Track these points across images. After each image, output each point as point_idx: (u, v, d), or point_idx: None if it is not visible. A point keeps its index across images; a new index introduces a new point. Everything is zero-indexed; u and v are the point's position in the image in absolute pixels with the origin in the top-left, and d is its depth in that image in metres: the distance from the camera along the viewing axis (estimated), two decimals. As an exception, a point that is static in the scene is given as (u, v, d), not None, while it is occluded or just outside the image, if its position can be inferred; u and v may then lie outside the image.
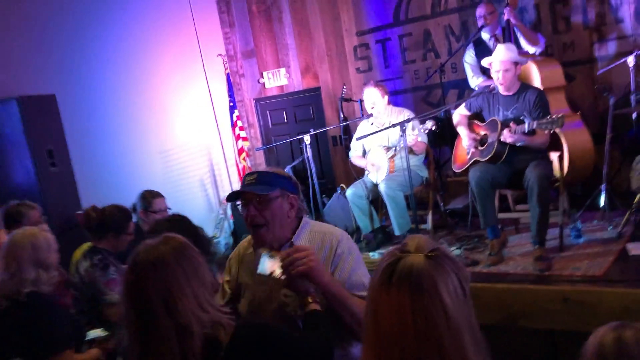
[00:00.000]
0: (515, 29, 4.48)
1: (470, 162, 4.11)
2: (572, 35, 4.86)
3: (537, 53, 4.54)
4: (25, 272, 2.34)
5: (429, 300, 1.05)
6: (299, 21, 6.35)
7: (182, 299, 1.40)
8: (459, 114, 4.29)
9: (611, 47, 4.74)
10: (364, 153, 4.76)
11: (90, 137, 5.15)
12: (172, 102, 6.11)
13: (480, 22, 4.66)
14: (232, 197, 2.04)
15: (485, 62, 3.98)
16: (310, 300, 1.74)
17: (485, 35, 4.70)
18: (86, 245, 3.14)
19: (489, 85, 4.17)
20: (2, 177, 4.49)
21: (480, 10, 4.65)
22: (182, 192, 6.05)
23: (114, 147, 5.34)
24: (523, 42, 4.50)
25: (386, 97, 4.62)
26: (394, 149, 4.44)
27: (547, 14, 4.91)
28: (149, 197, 3.75)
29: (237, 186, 6.71)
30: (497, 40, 4.58)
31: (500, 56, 3.80)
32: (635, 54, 3.99)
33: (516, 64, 3.83)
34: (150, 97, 5.87)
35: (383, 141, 4.54)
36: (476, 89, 4.70)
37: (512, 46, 3.97)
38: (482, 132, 4.09)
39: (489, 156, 3.89)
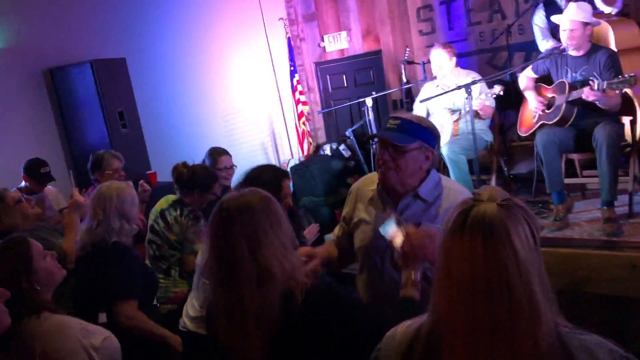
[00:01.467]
0: None
1: (537, 126, 4.01)
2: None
3: (613, 13, 4.33)
4: (111, 222, 2.48)
5: (500, 246, 1.07)
6: (361, -17, 6.27)
7: (266, 244, 1.45)
8: (526, 76, 4.18)
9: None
10: (428, 115, 4.72)
11: (157, 100, 5.33)
12: (234, 66, 6.22)
13: None
14: (371, 137, 2.05)
15: (555, 18, 3.85)
16: (411, 282, 1.69)
17: None
18: (170, 198, 3.29)
19: (558, 47, 4.03)
20: (77, 137, 4.73)
21: None
22: (243, 155, 6.18)
23: (179, 109, 5.51)
24: (598, 1, 4.29)
25: (454, 59, 4.54)
26: (458, 112, 4.38)
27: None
28: (215, 155, 3.88)
29: (296, 150, 6.81)
30: (569, 0, 4.39)
31: (571, 15, 3.66)
32: None
33: (586, 24, 3.68)
34: (213, 62, 5.99)
35: (448, 104, 4.47)
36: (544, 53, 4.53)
37: (586, 5, 3.81)
38: (550, 95, 3.98)
39: (557, 119, 3.79)
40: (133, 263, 2.58)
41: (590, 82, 3.56)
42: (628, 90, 3.82)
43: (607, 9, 4.29)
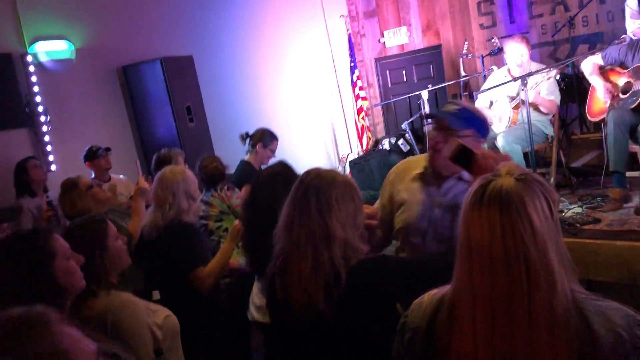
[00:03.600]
0: None
1: (608, 111, 3.90)
2: None
3: None
4: (180, 203, 2.64)
5: (517, 217, 1.13)
6: (421, -22, 6.29)
7: (335, 211, 1.62)
8: (593, 62, 4.04)
9: None
10: (491, 105, 4.67)
11: (222, 95, 5.57)
12: (296, 63, 6.39)
13: None
14: (429, 116, 2.16)
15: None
16: None
17: None
18: None
19: (628, 37, 3.90)
20: (148, 131, 5.02)
21: None
22: (303, 149, 6.36)
23: (242, 104, 5.74)
24: None
25: (530, 50, 4.46)
26: (519, 99, 4.32)
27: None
28: (272, 137, 4.20)
29: (355, 144, 6.91)
30: None
31: None
32: None
33: None
34: (274, 58, 6.18)
35: (511, 92, 4.42)
36: (631, 36, 4.23)
37: None
38: (625, 80, 3.86)
39: (635, 104, 3.68)
40: (201, 236, 2.79)
41: None
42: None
43: None
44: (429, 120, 2.16)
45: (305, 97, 6.49)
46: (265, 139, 4.29)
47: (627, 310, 1.14)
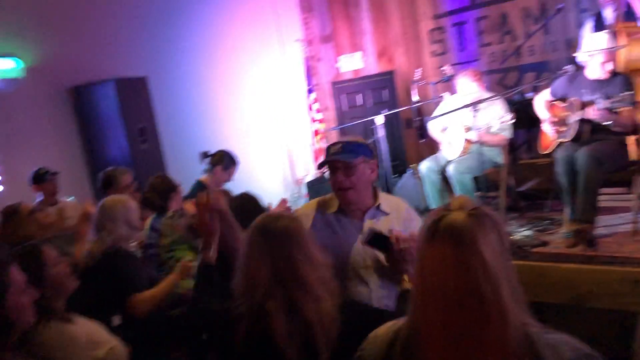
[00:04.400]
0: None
1: (556, 144, 4.07)
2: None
3: None
4: (119, 230, 2.66)
5: (469, 252, 1.14)
6: (376, 5, 6.44)
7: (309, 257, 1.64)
8: (542, 99, 4.22)
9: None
10: (445, 129, 4.79)
11: (177, 117, 5.52)
12: (253, 85, 6.41)
13: (602, 3, 4.43)
14: (322, 164, 2.25)
15: (588, 49, 3.82)
16: (406, 279, 1.99)
17: (606, 11, 4.44)
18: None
19: (572, 68, 4.10)
20: (99, 152, 4.92)
21: None
22: (259, 172, 6.35)
23: (198, 126, 5.70)
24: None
25: (484, 84, 4.61)
26: (473, 130, 4.45)
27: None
28: (232, 161, 4.23)
29: (312, 166, 6.95)
30: (618, 17, 4.32)
31: (606, 46, 3.68)
32: None
33: (618, 48, 3.75)
34: (231, 80, 6.19)
35: (467, 121, 4.53)
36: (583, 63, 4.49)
37: (613, 36, 3.81)
38: (564, 113, 4.04)
39: (570, 137, 3.85)
40: (138, 264, 2.78)
41: (597, 101, 3.63)
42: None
43: None
44: (323, 167, 2.25)
45: (261, 119, 6.50)
46: (225, 161, 4.26)
47: (577, 343, 1.16)
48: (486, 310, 1.12)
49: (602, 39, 3.72)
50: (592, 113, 3.61)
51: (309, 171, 6.97)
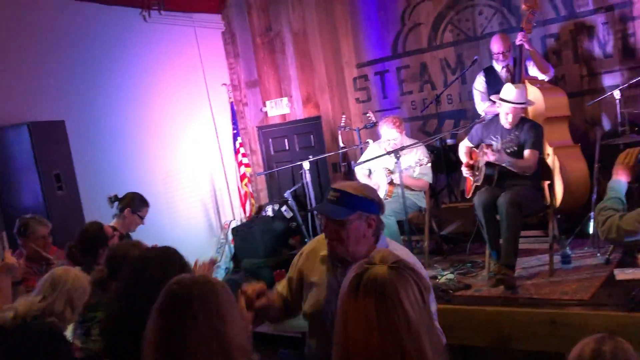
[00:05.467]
0: (527, 55, 4.53)
1: (473, 188, 4.24)
2: (563, 69, 5.03)
3: (546, 80, 4.61)
4: (56, 303, 2.39)
5: (391, 306, 1.17)
6: (301, 53, 6.57)
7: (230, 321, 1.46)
8: (464, 145, 4.42)
9: (600, 81, 4.91)
10: (370, 173, 4.89)
11: (98, 162, 5.31)
12: (177, 129, 6.30)
13: (495, 58, 4.70)
14: (312, 209, 2.15)
15: (495, 98, 4.05)
16: None
17: (497, 66, 4.74)
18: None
19: (490, 113, 4.33)
20: (11, 200, 4.63)
21: (497, 47, 4.64)
22: (184, 217, 6.19)
23: (120, 171, 5.50)
24: (533, 70, 4.60)
25: (404, 131, 4.74)
26: (390, 178, 4.58)
27: (539, 48, 5.08)
28: (142, 202, 4.08)
29: (238, 211, 6.86)
30: (508, 71, 4.63)
31: (511, 98, 3.92)
32: (620, 87, 4.15)
33: (523, 105, 3.99)
34: (155, 124, 6.06)
35: (388, 164, 4.65)
36: (482, 114, 4.77)
37: (522, 88, 4.08)
38: (478, 158, 4.24)
39: (480, 181, 4.04)
40: (56, 341, 2.37)
41: (493, 144, 3.87)
42: (551, 156, 4.15)
43: (540, 76, 4.59)
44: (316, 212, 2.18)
45: (186, 164, 6.38)
46: (134, 204, 4.12)
47: None
48: None
49: (512, 91, 3.96)
50: (490, 156, 3.81)
51: (235, 216, 6.87)
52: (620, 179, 2.37)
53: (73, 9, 5.29)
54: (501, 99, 3.96)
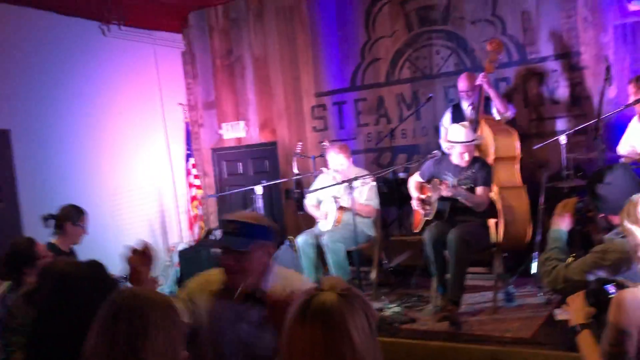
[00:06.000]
0: (487, 94, 4.64)
1: (423, 222, 4.29)
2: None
3: (503, 120, 4.72)
4: None
5: (338, 335, 1.16)
6: (261, 78, 6.59)
7: (152, 343, 1.34)
8: (414, 180, 4.48)
9: (548, 125, 5.11)
10: (319, 203, 4.88)
11: (43, 175, 5.13)
12: (129, 146, 6.16)
13: (460, 96, 4.81)
14: (215, 245, 2.11)
15: (451, 137, 4.14)
16: None
17: (464, 104, 4.83)
18: (6, 283, 3.06)
19: (439, 152, 4.42)
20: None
21: (461, 85, 4.75)
22: (129, 236, 6.00)
23: (66, 185, 5.32)
24: (494, 110, 4.71)
25: (350, 159, 4.79)
26: (339, 204, 4.59)
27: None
28: (79, 212, 3.94)
29: (186, 233, 6.72)
30: (474, 109, 4.69)
31: (463, 140, 4.02)
32: (566, 133, 4.32)
33: (474, 142, 4.09)
34: (107, 139, 5.92)
35: (336, 193, 4.67)
36: (445, 150, 4.84)
37: (469, 127, 4.18)
38: (429, 193, 4.31)
39: (432, 215, 4.10)
40: None
41: (449, 180, 3.94)
42: (493, 195, 4.25)
43: (497, 116, 4.72)
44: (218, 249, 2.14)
45: (135, 182, 6.23)
46: (73, 216, 3.96)
47: None
48: None
49: (461, 131, 4.07)
50: (444, 190, 3.89)
51: (183, 239, 6.72)
52: (560, 229, 2.46)
53: (26, 16, 5.15)
54: (453, 142, 4.06)
